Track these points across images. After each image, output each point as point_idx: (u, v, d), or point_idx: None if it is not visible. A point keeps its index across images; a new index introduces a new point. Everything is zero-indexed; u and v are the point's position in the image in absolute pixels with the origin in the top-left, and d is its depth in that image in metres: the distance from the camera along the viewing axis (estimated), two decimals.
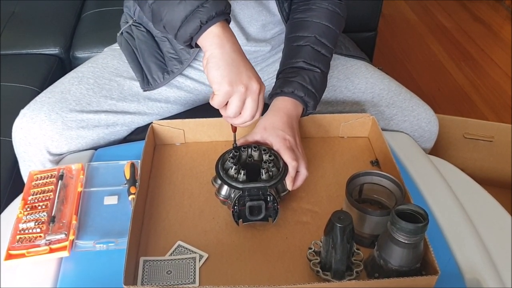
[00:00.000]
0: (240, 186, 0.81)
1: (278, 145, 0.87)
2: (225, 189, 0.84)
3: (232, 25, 1.01)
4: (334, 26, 1.02)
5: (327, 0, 1.03)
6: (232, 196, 0.82)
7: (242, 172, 0.82)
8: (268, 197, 0.81)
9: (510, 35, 2.68)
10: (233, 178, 0.82)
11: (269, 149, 0.87)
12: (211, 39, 0.79)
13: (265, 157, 0.85)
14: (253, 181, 0.82)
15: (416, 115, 1.14)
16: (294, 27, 1.03)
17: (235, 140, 0.88)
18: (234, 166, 0.83)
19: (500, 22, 2.81)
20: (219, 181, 0.84)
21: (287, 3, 1.04)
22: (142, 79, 1.09)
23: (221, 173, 0.83)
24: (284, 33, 1.10)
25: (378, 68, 1.22)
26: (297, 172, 0.86)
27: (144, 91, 1.09)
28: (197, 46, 0.82)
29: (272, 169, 0.83)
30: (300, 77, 0.96)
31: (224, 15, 0.80)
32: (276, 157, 0.86)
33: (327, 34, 1.01)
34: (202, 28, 0.78)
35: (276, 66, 1.13)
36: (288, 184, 0.85)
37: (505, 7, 2.95)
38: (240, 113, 0.81)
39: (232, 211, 0.81)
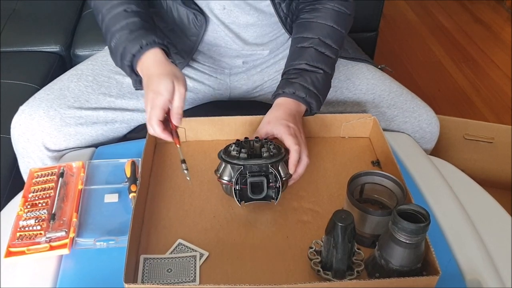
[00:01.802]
0: (241, 162, 0.82)
1: (281, 132, 0.88)
2: (227, 172, 0.84)
3: (227, 33, 1.03)
4: (340, 26, 1.02)
5: (333, 0, 1.03)
6: (233, 174, 0.83)
7: (243, 150, 0.83)
8: (270, 175, 0.82)
9: (511, 36, 2.68)
10: (234, 157, 0.83)
11: (271, 140, 0.87)
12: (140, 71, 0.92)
13: (266, 144, 0.86)
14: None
15: (417, 116, 1.13)
16: (299, 27, 1.03)
17: (181, 155, 0.87)
18: (236, 148, 0.84)
19: (500, 23, 2.81)
20: (222, 166, 0.85)
21: (284, 4, 1.03)
22: (134, 78, 1.08)
23: (223, 156, 0.84)
24: (283, 36, 1.10)
25: (380, 66, 1.21)
26: (299, 160, 0.87)
27: (136, 89, 1.08)
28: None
29: (273, 150, 0.84)
30: (302, 78, 0.96)
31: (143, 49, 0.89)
32: (278, 148, 0.86)
33: (332, 35, 1.01)
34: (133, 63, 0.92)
35: (276, 67, 1.13)
36: (291, 167, 0.85)
37: (505, 8, 2.95)
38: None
39: (234, 189, 0.82)
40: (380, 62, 1.31)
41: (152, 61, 0.89)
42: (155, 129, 0.84)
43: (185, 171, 0.84)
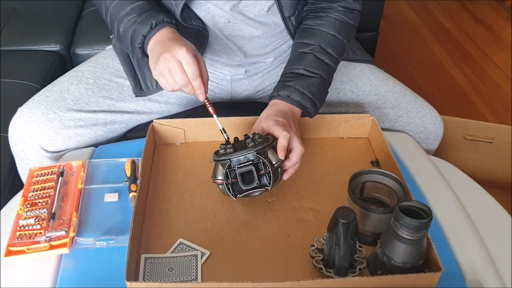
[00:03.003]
0: (227, 157, 0.82)
1: (270, 125, 0.88)
2: (220, 171, 0.84)
3: (231, 45, 1.04)
4: (342, 36, 1.02)
5: (337, 10, 1.02)
6: (224, 171, 0.83)
7: (229, 146, 0.83)
8: (258, 163, 0.82)
9: (511, 36, 2.68)
10: (221, 155, 0.83)
11: (259, 133, 0.87)
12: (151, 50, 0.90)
13: (253, 137, 0.86)
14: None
15: (422, 116, 1.13)
16: (302, 33, 1.03)
17: (219, 123, 0.88)
18: (223, 146, 0.84)
19: (501, 24, 2.81)
20: (214, 168, 0.85)
21: (294, 17, 1.03)
22: (134, 84, 1.08)
23: (213, 157, 0.85)
24: (286, 43, 1.10)
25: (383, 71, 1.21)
26: (291, 149, 0.86)
27: (136, 96, 1.08)
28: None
29: (259, 140, 0.83)
30: (297, 82, 0.96)
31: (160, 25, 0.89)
32: (265, 138, 0.86)
33: (333, 44, 1.01)
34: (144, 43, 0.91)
35: (277, 71, 1.13)
36: (279, 152, 0.84)
37: (506, 8, 2.95)
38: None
39: (225, 183, 0.82)
40: (381, 62, 1.31)
41: (166, 36, 0.88)
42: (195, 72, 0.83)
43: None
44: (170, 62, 0.82)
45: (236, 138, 0.89)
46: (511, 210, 0.95)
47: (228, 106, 1.17)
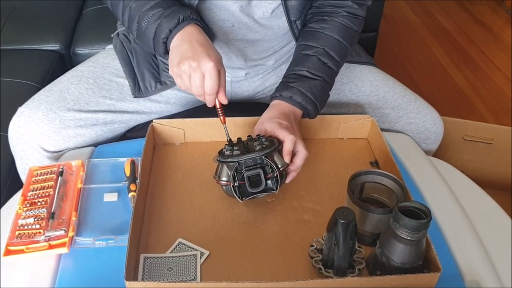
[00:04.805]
0: (235, 159, 0.82)
1: (274, 128, 0.88)
2: (225, 173, 0.84)
3: (233, 49, 1.04)
4: (346, 41, 1.02)
5: (342, 15, 1.02)
6: (230, 173, 0.83)
7: (236, 148, 0.83)
8: (266, 166, 0.82)
9: (511, 37, 2.68)
10: (228, 156, 0.83)
11: (263, 135, 0.87)
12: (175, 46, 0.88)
13: (259, 139, 0.86)
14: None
15: (422, 117, 1.13)
16: (306, 35, 1.03)
17: (227, 133, 0.88)
18: (229, 148, 0.84)
19: (500, 25, 2.82)
20: (219, 168, 0.85)
21: (299, 21, 1.03)
22: (133, 85, 1.07)
23: (218, 158, 0.85)
24: (287, 45, 1.10)
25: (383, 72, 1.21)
26: (296, 153, 0.86)
27: (135, 97, 1.08)
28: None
29: (266, 143, 0.84)
30: (300, 83, 0.96)
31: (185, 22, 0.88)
32: (271, 140, 0.86)
33: (337, 48, 1.01)
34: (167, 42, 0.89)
35: (277, 73, 1.13)
36: (285, 156, 0.85)
37: (505, 9, 2.96)
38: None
39: (232, 186, 0.82)
40: (380, 63, 1.31)
41: (193, 35, 0.87)
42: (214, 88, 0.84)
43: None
44: (194, 71, 0.82)
45: (239, 139, 0.88)
46: (510, 211, 0.95)
47: (228, 107, 1.17)
